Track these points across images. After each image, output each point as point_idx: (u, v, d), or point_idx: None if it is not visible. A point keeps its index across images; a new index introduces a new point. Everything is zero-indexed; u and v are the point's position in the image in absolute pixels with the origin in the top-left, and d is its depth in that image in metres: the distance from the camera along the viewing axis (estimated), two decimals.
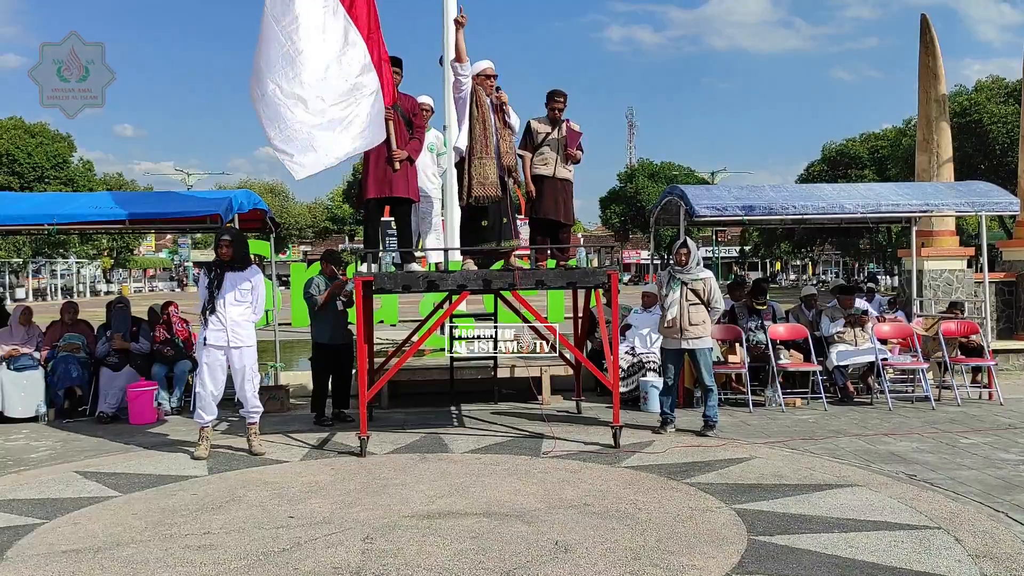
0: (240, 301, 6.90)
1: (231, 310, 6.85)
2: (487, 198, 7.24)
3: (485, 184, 7.22)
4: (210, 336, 6.83)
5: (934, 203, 10.05)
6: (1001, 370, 10.80)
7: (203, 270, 7.03)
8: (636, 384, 9.02)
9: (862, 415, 8.49)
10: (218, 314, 6.82)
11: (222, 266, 6.89)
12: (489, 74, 7.45)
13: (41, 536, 4.93)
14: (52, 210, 8.80)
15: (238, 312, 6.89)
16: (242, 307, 6.92)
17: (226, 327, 6.84)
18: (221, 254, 6.88)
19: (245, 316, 6.96)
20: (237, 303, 6.89)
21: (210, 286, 6.84)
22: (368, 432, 6.96)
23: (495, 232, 7.44)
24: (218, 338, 6.84)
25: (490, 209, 7.35)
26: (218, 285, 6.83)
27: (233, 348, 6.88)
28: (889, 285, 43.05)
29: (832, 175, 45.03)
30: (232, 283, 6.87)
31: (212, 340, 6.83)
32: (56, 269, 53.33)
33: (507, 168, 7.46)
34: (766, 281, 12.12)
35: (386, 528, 4.91)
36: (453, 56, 7.28)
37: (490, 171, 7.24)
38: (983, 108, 31.09)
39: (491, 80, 7.47)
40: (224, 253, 6.87)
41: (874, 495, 5.47)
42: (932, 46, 13.23)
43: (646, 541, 4.61)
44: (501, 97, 7.54)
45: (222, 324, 6.83)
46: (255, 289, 7.01)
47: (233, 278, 6.89)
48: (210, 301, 6.81)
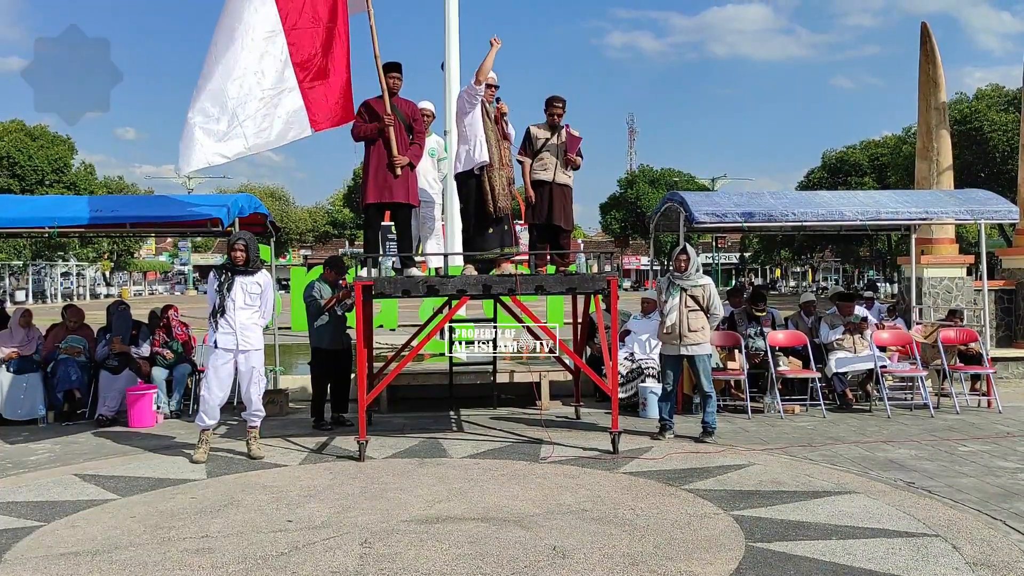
0: (249, 305, 6.92)
1: (240, 314, 6.86)
2: (506, 208, 7.47)
3: (505, 195, 7.44)
4: (220, 339, 6.83)
5: (934, 211, 10.07)
6: (1000, 378, 10.81)
7: (213, 273, 7.03)
8: (635, 390, 9.02)
9: (861, 422, 8.49)
10: (227, 317, 6.82)
11: (233, 269, 6.90)
12: (490, 83, 7.50)
13: (39, 539, 4.94)
14: (53, 213, 8.81)
15: (247, 316, 6.90)
16: (251, 311, 6.93)
17: (235, 331, 6.84)
18: (235, 257, 6.89)
19: (254, 320, 6.96)
20: (247, 307, 6.90)
21: (220, 289, 6.84)
22: (367, 436, 6.97)
23: (498, 239, 7.48)
24: (228, 341, 6.84)
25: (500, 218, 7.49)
26: (228, 288, 6.83)
27: (242, 352, 6.88)
28: (889, 292, 43.03)
29: (832, 182, 45.12)
30: (242, 287, 6.89)
31: (222, 343, 6.84)
32: (56, 272, 53.31)
33: (509, 179, 7.60)
34: (765, 288, 12.09)
35: (384, 532, 4.91)
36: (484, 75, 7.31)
37: (506, 182, 7.48)
38: (983, 116, 31.17)
39: (492, 90, 7.57)
40: (238, 257, 6.89)
41: (872, 502, 5.48)
42: (932, 54, 13.27)
43: (644, 547, 4.61)
44: (501, 108, 7.65)
45: (231, 328, 6.84)
46: (264, 292, 7.04)
47: (243, 282, 6.90)
48: (220, 304, 6.82)
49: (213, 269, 7.09)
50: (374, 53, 7.44)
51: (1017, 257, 12.44)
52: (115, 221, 8.94)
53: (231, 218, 8.73)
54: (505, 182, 7.45)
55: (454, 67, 13.55)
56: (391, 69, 7.48)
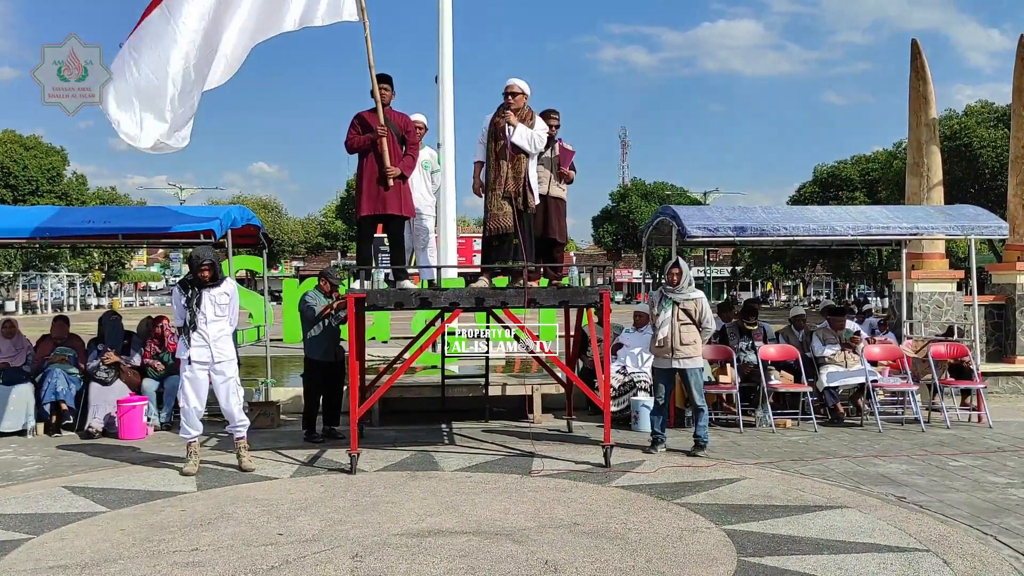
0: (220, 316, 6.96)
1: (212, 326, 6.90)
2: (500, 228, 7.28)
3: (498, 216, 7.28)
4: (194, 353, 6.86)
5: (924, 226, 10.13)
6: (990, 393, 10.84)
7: (178, 288, 7.05)
8: (627, 404, 9.02)
9: (852, 436, 8.51)
10: (200, 331, 6.85)
11: (200, 284, 6.92)
12: (511, 91, 7.34)
13: (28, 551, 4.90)
14: (45, 224, 8.79)
15: (218, 328, 6.94)
16: (222, 321, 6.99)
17: (209, 343, 6.88)
18: (203, 278, 6.91)
19: (226, 331, 7.03)
20: (217, 318, 6.94)
21: (189, 304, 6.86)
22: (358, 449, 6.95)
23: (503, 253, 7.40)
24: (202, 354, 6.87)
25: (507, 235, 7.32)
26: (198, 303, 6.86)
27: (217, 363, 6.90)
28: (879, 307, 43.16)
29: (823, 197, 45.32)
30: (211, 299, 6.92)
31: (196, 357, 6.86)
32: (47, 283, 53.06)
33: (511, 194, 7.28)
34: (757, 302, 12.13)
35: (376, 546, 4.89)
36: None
37: (503, 202, 7.26)
38: (973, 132, 31.37)
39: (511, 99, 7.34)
40: (206, 277, 6.92)
41: (863, 517, 5.48)
42: (923, 71, 13.37)
43: (636, 561, 4.61)
44: (508, 118, 7.29)
45: (204, 340, 6.87)
46: (232, 301, 7.09)
47: (211, 294, 6.94)
48: (191, 319, 6.84)
49: (177, 284, 7.12)
50: (368, 65, 7.46)
51: (1007, 272, 12.50)
52: (107, 232, 8.91)
53: (224, 229, 8.74)
54: (501, 201, 7.24)
55: (448, 80, 13.62)
56: (381, 81, 7.50)
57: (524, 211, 7.32)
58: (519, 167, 7.30)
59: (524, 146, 7.26)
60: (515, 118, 7.26)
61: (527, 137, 7.25)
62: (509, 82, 7.36)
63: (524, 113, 7.33)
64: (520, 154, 7.29)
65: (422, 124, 8.52)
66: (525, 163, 7.32)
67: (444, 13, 13.43)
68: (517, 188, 7.29)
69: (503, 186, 7.26)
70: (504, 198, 7.26)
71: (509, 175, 7.27)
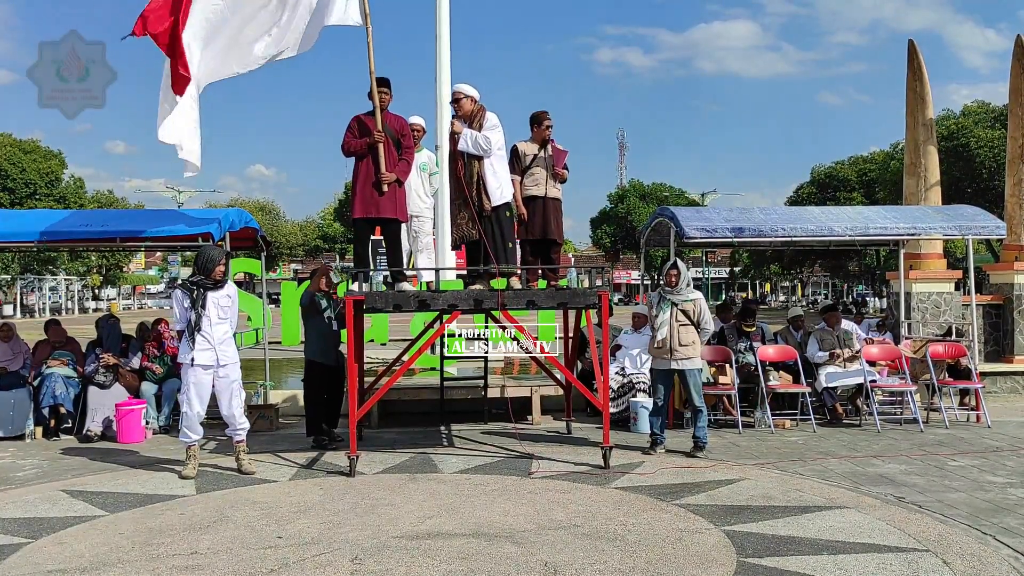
0: (223, 319, 6.94)
1: (217, 329, 6.86)
2: (464, 237, 7.36)
3: (461, 224, 7.35)
4: (199, 356, 6.80)
5: (922, 227, 10.14)
6: (988, 392, 10.85)
7: (181, 289, 6.94)
8: (626, 405, 9.02)
9: (851, 437, 8.51)
10: (204, 333, 6.81)
11: (205, 286, 6.89)
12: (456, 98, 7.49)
13: (26, 555, 4.89)
14: (44, 227, 8.77)
15: (223, 331, 6.92)
16: (226, 324, 6.96)
17: (214, 346, 6.83)
18: (218, 272, 6.89)
19: (228, 334, 7.00)
20: (221, 321, 6.92)
21: (194, 307, 6.81)
22: (358, 452, 6.94)
23: (476, 261, 7.44)
24: (207, 357, 6.82)
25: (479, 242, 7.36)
26: (202, 305, 6.82)
27: (222, 366, 6.88)
28: (877, 307, 43.20)
29: (821, 197, 45.42)
30: (214, 301, 6.89)
31: (201, 360, 6.81)
32: (45, 286, 52.98)
33: (469, 199, 7.30)
34: (755, 302, 12.15)
35: (375, 548, 4.89)
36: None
37: (462, 211, 7.33)
38: (970, 132, 31.43)
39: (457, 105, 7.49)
40: (222, 274, 6.92)
41: (863, 517, 5.49)
42: (920, 71, 13.38)
43: (635, 563, 4.61)
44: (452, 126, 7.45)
45: (210, 344, 6.82)
46: (233, 302, 7.08)
47: (215, 296, 6.90)
48: (196, 321, 6.80)
49: (179, 286, 7.02)
50: (370, 69, 7.46)
51: (1004, 272, 12.51)
52: (106, 235, 8.90)
53: (222, 232, 8.73)
54: (460, 210, 7.34)
55: (445, 82, 13.61)
56: (380, 84, 7.49)
57: (480, 214, 7.34)
58: (471, 171, 7.36)
59: (471, 151, 7.33)
60: (459, 125, 7.39)
61: (470, 142, 7.33)
62: (453, 88, 7.46)
63: (474, 114, 7.43)
64: (473, 159, 7.35)
65: (420, 126, 8.53)
66: (478, 167, 7.35)
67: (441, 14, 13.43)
68: (470, 192, 7.35)
69: (461, 194, 7.34)
70: (463, 206, 7.33)
71: (463, 181, 7.34)
